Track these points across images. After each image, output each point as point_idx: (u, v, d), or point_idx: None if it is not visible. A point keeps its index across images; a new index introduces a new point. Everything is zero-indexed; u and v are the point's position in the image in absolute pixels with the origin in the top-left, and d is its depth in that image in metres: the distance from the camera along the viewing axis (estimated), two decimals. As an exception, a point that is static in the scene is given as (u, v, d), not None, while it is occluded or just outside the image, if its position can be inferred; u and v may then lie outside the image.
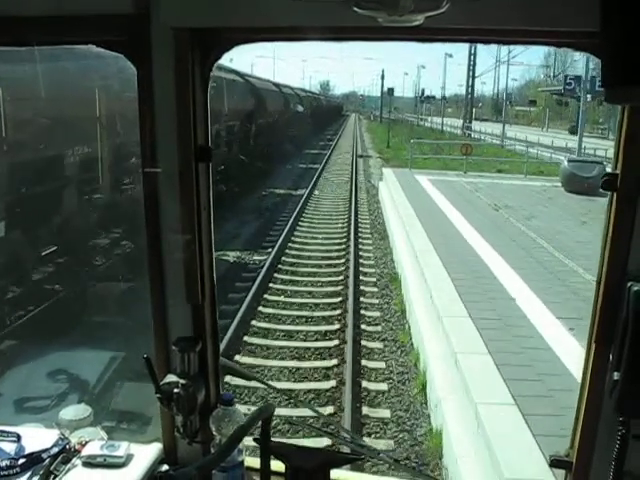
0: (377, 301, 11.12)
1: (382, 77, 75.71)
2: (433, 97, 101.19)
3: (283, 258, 13.57)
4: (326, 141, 51.78)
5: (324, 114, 69.25)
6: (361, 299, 11.05)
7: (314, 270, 12.84)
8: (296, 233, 16.02)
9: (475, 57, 65.63)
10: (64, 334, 6.97)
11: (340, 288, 11.64)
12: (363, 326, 9.79)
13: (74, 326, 7.67)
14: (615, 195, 1.57)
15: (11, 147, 8.16)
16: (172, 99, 1.68)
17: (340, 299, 10.96)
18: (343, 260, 13.56)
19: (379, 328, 9.79)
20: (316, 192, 23.77)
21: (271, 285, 11.63)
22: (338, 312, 10.32)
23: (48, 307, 8.45)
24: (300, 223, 17.52)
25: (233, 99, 17.77)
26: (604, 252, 1.61)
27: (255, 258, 13.56)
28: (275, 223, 17.16)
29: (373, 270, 13.05)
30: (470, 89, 70.98)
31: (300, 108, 41.67)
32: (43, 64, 7.24)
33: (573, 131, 65.61)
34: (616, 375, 1.57)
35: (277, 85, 33.65)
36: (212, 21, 1.61)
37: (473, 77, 70.82)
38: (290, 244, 14.80)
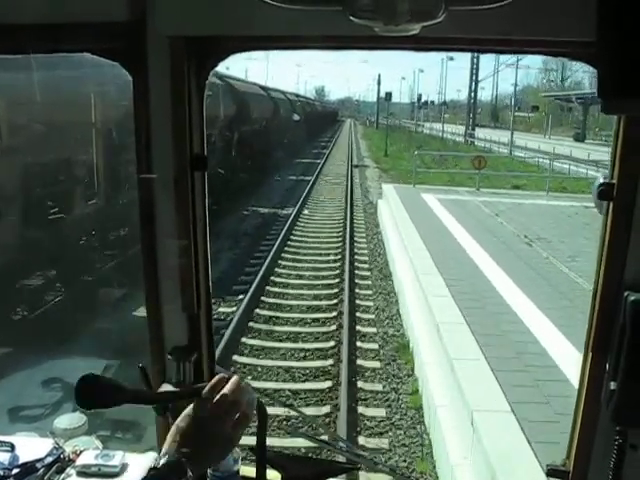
0: (380, 387, 8.73)
1: (378, 82, 75.70)
2: (432, 102, 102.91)
3: (257, 311, 11.61)
4: (320, 149, 51.96)
5: (318, 120, 69.27)
6: (358, 383, 8.74)
7: (296, 330, 10.73)
8: (277, 270, 14.23)
9: (478, 60, 69.10)
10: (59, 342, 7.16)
11: (330, 363, 9.47)
12: (361, 439, 7.27)
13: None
14: (611, 205, 1.66)
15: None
16: (168, 107, 1.80)
17: (329, 384, 8.68)
18: (335, 313, 11.59)
19: (385, 442, 7.21)
20: (306, 211, 22.25)
21: (235, 358, 9.44)
22: (325, 409, 7.89)
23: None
24: (283, 254, 15.69)
25: (211, 104, 15.25)
26: (600, 262, 1.73)
27: (220, 310, 11.31)
28: (253, 255, 15.35)
29: (374, 330, 10.52)
30: (473, 94, 71.56)
31: (296, 117, 41.07)
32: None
33: (577, 138, 62.72)
34: (613, 385, 1.64)
35: (265, 89, 33.55)
36: (208, 30, 1.73)
37: (476, 82, 71.30)
38: (268, 287, 12.95)
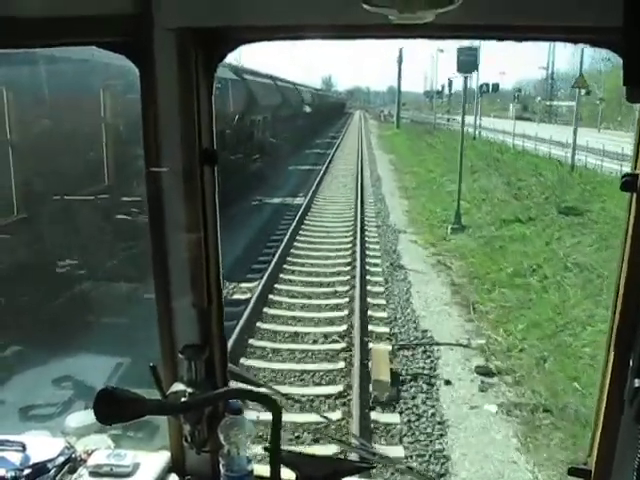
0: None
1: (399, 61, 58.32)
2: (495, 86, 50.21)
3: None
4: (293, 190, 24.49)
5: (316, 115, 50.35)
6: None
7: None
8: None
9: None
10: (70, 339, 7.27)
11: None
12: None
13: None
14: (634, 196, 1.67)
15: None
16: (176, 101, 1.82)
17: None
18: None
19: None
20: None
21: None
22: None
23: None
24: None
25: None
26: (623, 255, 1.72)
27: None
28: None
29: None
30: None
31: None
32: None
33: None
34: (637, 382, 1.66)
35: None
36: (215, 21, 1.75)
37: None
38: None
